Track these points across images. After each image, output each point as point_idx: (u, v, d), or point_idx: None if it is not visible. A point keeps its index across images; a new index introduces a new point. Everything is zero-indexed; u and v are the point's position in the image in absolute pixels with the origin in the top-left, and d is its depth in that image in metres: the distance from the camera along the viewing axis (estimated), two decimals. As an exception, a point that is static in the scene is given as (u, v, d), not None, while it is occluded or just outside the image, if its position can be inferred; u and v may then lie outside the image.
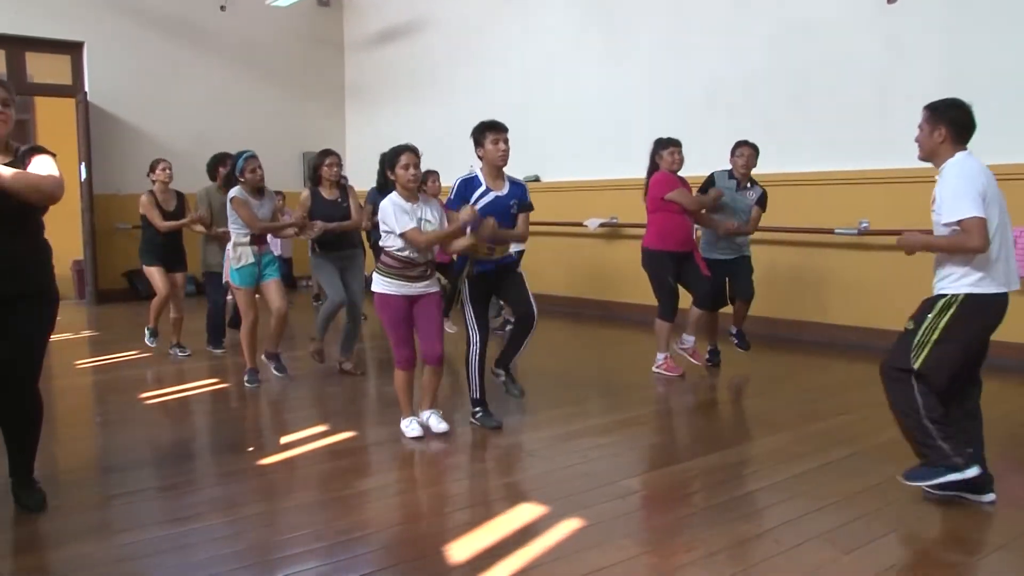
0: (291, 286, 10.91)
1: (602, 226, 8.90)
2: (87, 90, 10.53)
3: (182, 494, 3.75)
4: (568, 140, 9.30)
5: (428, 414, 4.58)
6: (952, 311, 3.36)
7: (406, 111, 11.39)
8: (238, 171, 5.60)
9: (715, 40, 7.89)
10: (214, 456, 4.47)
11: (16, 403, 3.42)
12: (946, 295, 3.39)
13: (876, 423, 4.67)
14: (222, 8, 11.16)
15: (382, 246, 4.44)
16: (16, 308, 3.30)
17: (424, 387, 4.61)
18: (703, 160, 6.56)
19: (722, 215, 5.98)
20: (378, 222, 4.46)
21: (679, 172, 5.84)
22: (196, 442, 4.83)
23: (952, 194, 3.31)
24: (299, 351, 6.82)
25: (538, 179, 9.47)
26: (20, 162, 3.27)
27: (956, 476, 3.34)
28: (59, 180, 3.26)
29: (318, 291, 9.58)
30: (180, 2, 11.20)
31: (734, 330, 6.34)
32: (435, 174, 7.21)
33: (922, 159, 3.56)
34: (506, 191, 4.59)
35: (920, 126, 3.51)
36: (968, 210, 3.25)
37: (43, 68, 10.97)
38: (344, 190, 6.02)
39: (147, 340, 7.06)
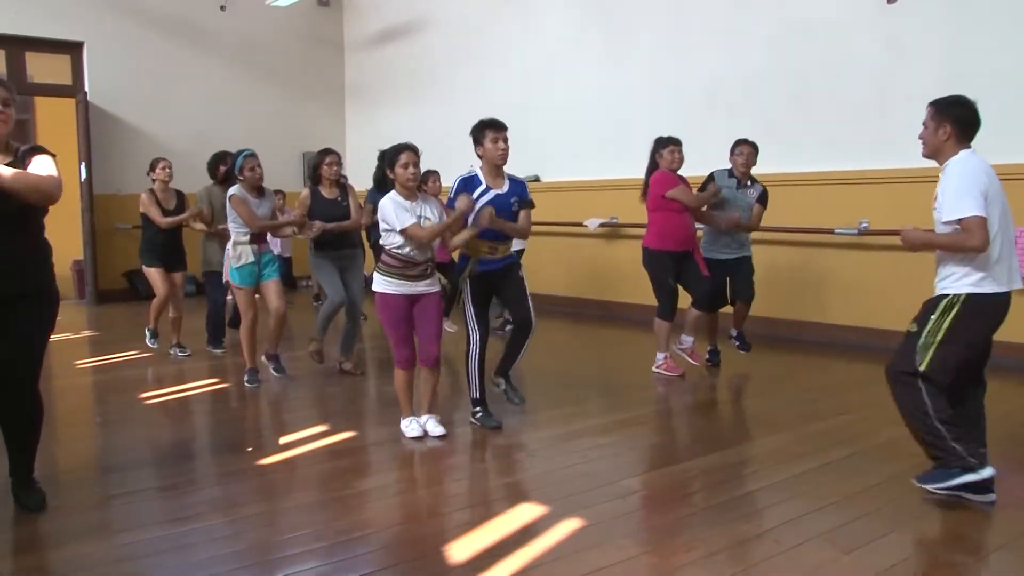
0: (291, 286, 10.91)
1: (602, 226, 8.90)
2: (87, 90, 10.53)
3: (182, 494, 3.75)
4: (568, 140, 9.30)
5: (426, 418, 4.56)
6: (954, 312, 3.35)
7: (406, 111, 11.38)
8: (237, 169, 5.60)
9: (715, 40, 7.89)
10: (214, 456, 4.47)
11: (16, 403, 3.42)
12: (947, 295, 3.38)
13: (876, 423, 4.67)
14: (222, 8, 11.16)
15: (382, 245, 4.44)
16: (16, 308, 3.31)
17: (421, 391, 4.58)
18: (703, 160, 6.56)
19: (722, 212, 5.98)
20: (378, 221, 4.46)
21: (679, 171, 5.84)
22: (196, 442, 4.83)
23: (954, 193, 3.30)
24: (299, 351, 6.81)
25: (538, 179, 9.47)
26: (20, 162, 3.27)
27: (972, 477, 3.33)
28: (58, 181, 3.27)
29: (318, 291, 9.58)
30: (180, 2, 11.21)
31: (734, 332, 6.33)
32: (435, 174, 7.23)
33: (926, 156, 3.54)
34: (506, 189, 4.59)
35: (924, 123, 3.48)
36: (969, 209, 3.23)
37: (43, 68, 10.97)
38: (344, 189, 6.01)
39: (148, 341, 7.08)
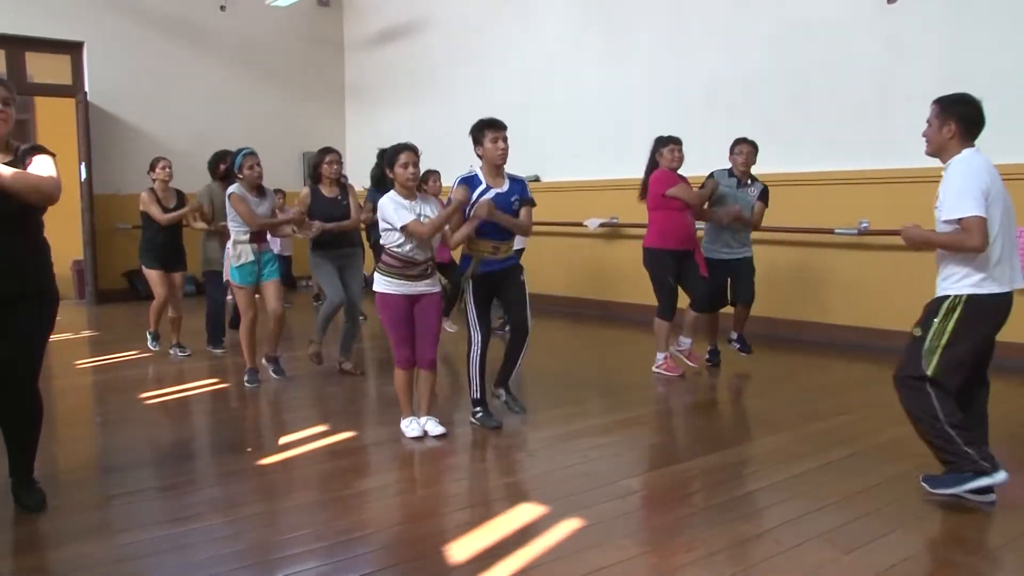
0: (291, 286, 10.91)
1: (602, 226, 8.90)
2: (87, 90, 10.53)
3: (182, 494, 3.75)
4: (568, 140, 9.30)
5: (425, 420, 4.55)
6: (957, 314, 3.33)
7: (406, 111, 11.38)
8: (236, 167, 5.60)
9: (715, 40, 7.89)
10: (214, 456, 4.47)
11: (16, 403, 3.43)
12: (948, 296, 3.37)
13: (876, 423, 4.67)
14: (222, 8, 11.16)
15: (382, 245, 4.44)
16: (16, 308, 3.31)
17: (420, 391, 4.57)
18: (703, 160, 6.56)
19: (722, 207, 5.97)
20: (378, 220, 4.46)
21: (679, 170, 5.84)
22: (196, 442, 4.83)
23: (955, 192, 3.28)
24: (299, 351, 6.81)
25: (538, 179, 9.47)
26: (20, 161, 3.27)
27: (986, 480, 3.31)
28: (58, 182, 3.27)
29: (318, 291, 9.58)
30: (180, 2, 11.21)
31: (734, 335, 6.33)
32: (436, 173, 7.23)
33: (929, 154, 3.51)
34: (506, 188, 4.59)
35: (929, 121, 3.45)
36: (969, 209, 3.22)
37: (43, 68, 10.97)
38: (344, 188, 6.00)
39: (150, 344, 7.07)
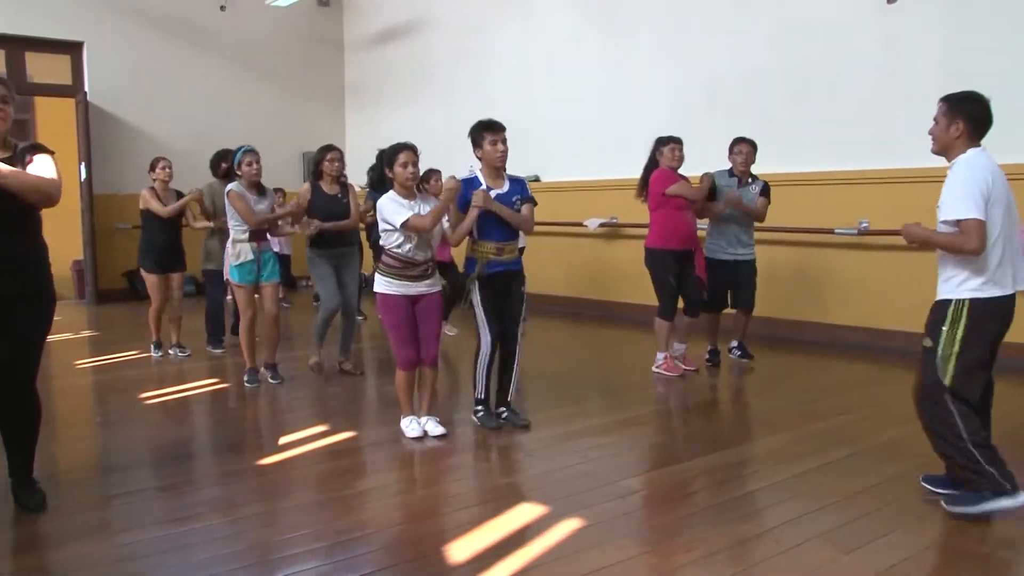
0: (290, 286, 10.91)
1: (602, 226, 8.90)
2: (87, 90, 10.53)
3: (182, 494, 3.75)
4: (568, 140, 9.30)
5: (426, 420, 4.56)
6: (964, 320, 3.28)
7: (406, 111, 11.38)
8: (235, 164, 5.62)
9: (715, 40, 7.89)
10: (214, 456, 4.47)
11: (16, 403, 3.43)
12: (951, 301, 3.32)
13: (876, 423, 4.68)
14: (222, 8, 11.16)
15: (382, 245, 4.43)
16: (16, 308, 3.31)
17: (420, 391, 4.57)
18: (703, 160, 6.56)
19: (720, 200, 5.97)
20: (378, 220, 4.45)
21: (679, 170, 5.84)
22: (196, 442, 4.83)
23: (955, 193, 3.26)
24: (298, 351, 6.81)
25: (538, 179, 9.47)
26: (19, 160, 3.27)
27: (1007, 502, 3.21)
28: (59, 184, 3.27)
29: (318, 291, 9.57)
30: (180, 2, 11.21)
31: (735, 343, 6.33)
32: (437, 173, 7.22)
33: (935, 153, 3.46)
34: (507, 188, 4.59)
35: (936, 119, 3.39)
36: (967, 211, 3.19)
37: (43, 68, 10.97)
38: (345, 187, 5.99)
39: (152, 352, 6.96)
